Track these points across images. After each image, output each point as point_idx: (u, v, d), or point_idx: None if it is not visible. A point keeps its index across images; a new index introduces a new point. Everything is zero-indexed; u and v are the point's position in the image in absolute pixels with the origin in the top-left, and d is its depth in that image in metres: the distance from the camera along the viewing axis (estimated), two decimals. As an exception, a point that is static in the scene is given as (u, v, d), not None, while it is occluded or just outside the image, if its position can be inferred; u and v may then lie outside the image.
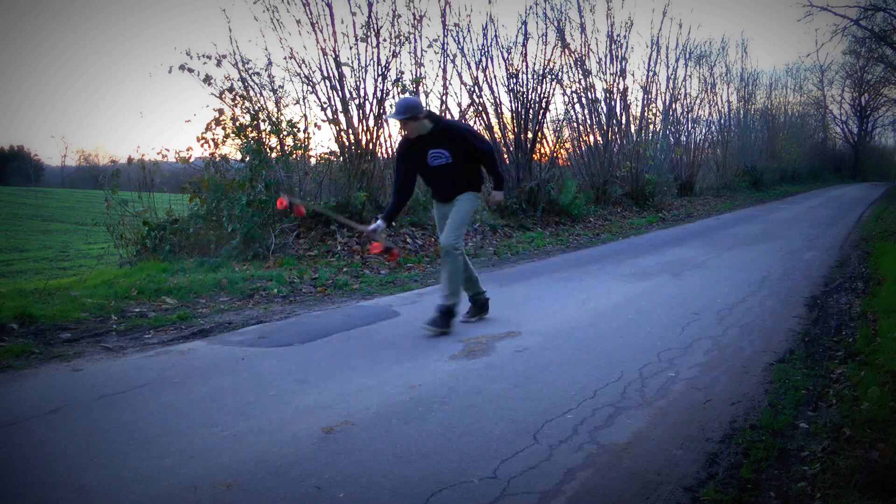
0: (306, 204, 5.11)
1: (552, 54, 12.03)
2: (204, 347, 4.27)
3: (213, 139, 7.87)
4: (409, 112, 4.51)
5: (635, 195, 15.08)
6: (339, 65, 8.40)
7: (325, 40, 8.35)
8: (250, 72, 8.16)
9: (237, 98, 8.08)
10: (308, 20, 8.29)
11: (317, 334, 4.57)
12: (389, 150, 9.32)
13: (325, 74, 8.40)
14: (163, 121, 46.90)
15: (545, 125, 12.54)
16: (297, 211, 5.36)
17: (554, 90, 12.63)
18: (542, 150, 12.72)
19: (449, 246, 4.65)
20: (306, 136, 8.26)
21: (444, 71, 10.33)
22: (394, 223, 4.84)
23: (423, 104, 4.63)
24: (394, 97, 8.97)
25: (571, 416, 3.10)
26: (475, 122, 11.39)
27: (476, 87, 11.25)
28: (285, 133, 8.07)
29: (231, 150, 7.98)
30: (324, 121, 8.51)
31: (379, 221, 4.80)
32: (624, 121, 15.53)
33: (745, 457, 2.75)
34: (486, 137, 11.46)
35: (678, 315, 5.15)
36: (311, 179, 8.44)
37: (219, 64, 7.97)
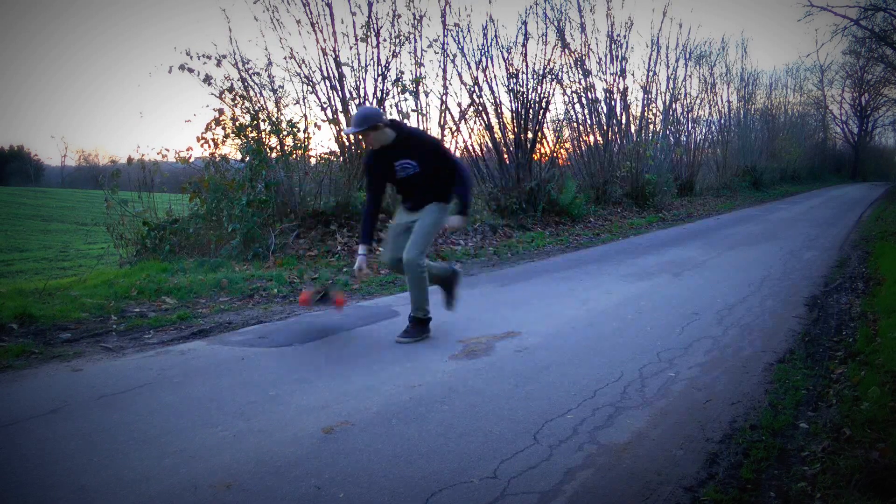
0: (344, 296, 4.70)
1: (552, 54, 12.06)
2: (204, 347, 4.27)
3: (213, 139, 7.88)
4: (368, 122, 4.24)
5: (635, 195, 15.08)
6: (339, 65, 8.41)
7: (325, 40, 8.37)
8: (250, 72, 8.18)
9: (237, 98, 8.09)
10: (308, 20, 8.31)
11: (317, 334, 4.57)
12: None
13: (325, 74, 8.41)
14: (163, 121, 46.90)
15: (545, 125, 12.57)
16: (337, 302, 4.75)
17: (554, 90, 12.68)
18: (542, 150, 12.74)
19: (411, 261, 4.31)
20: (306, 136, 8.27)
21: (444, 71, 10.35)
22: (374, 241, 4.64)
23: (383, 113, 4.37)
24: (394, 97, 8.99)
25: (571, 416, 3.10)
26: (475, 122, 11.41)
27: (476, 87, 11.26)
28: (285, 133, 8.07)
29: (231, 150, 8.00)
30: (324, 121, 8.52)
31: (361, 249, 4.57)
32: (624, 121, 15.54)
33: (745, 457, 2.75)
34: (480, 141, 11.42)
35: (678, 315, 5.15)
36: (311, 179, 8.44)
37: (219, 64, 7.98)
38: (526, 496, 2.39)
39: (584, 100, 14.42)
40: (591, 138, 14.86)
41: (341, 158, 8.62)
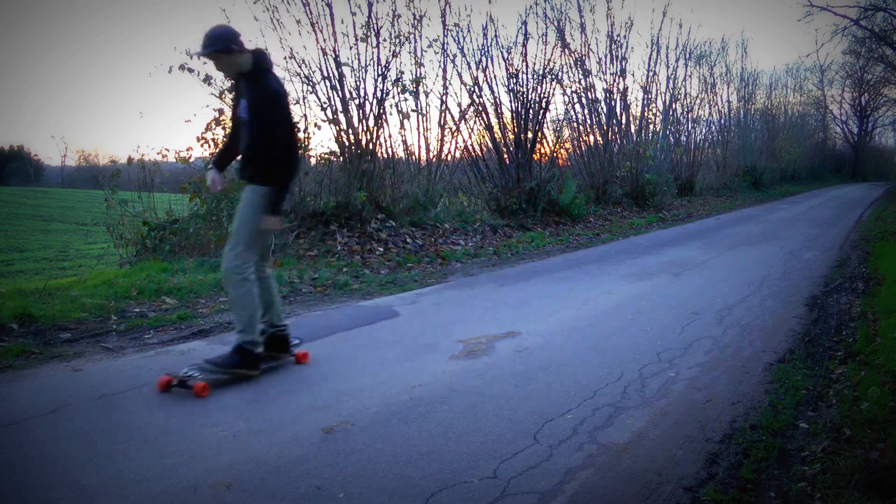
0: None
1: (552, 54, 12.06)
2: (204, 347, 4.26)
3: (213, 139, 7.87)
4: (216, 44, 3.37)
5: (635, 195, 15.09)
6: (339, 65, 8.40)
7: (325, 40, 8.35)
8: (250, 72, 8.15)
9: (237, 98, 8.08)
10: (308, 20, 8.29)
11: (317, 334, 4.56)
12: (389, 149, 9.32)
13: (325, 74, 8.40)
14: (163, 121, 46.98)
15: (545, 125, 12.56)
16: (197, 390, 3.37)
17: (554, 90, 12.64)
18: (542, 150, 12.74)
19: (226, 268, 3.57)
20: (306, 136, 8.27)
21: (444, 71, 10.33)
22: (227, 168, 3.99)
23: (239, 35, 3.49)
24: (394, 97, 8.98)
25: (571, 417, 3.10)
26: (475, 122, 11.40)
27: (476, 87, 11.25)
28: (285, 133, 8.05)
29: (231, 149, 7.98)
30: (324, 121, 8.51)
31: (212, 168, 3.96)
32: (624, 121, 15.54)
33: (745, 457, 2.75)
34: (479, 140, 11.39)
35: (678, 315, 5.15)
36: (311, 179, 8.44)
37: (219, 64, 7.96)
38: (526, 496, 2.39)
39: (584, 100, 14.43)
40: (591, 138, 14.86)
41: (341, 158, 8.61)
